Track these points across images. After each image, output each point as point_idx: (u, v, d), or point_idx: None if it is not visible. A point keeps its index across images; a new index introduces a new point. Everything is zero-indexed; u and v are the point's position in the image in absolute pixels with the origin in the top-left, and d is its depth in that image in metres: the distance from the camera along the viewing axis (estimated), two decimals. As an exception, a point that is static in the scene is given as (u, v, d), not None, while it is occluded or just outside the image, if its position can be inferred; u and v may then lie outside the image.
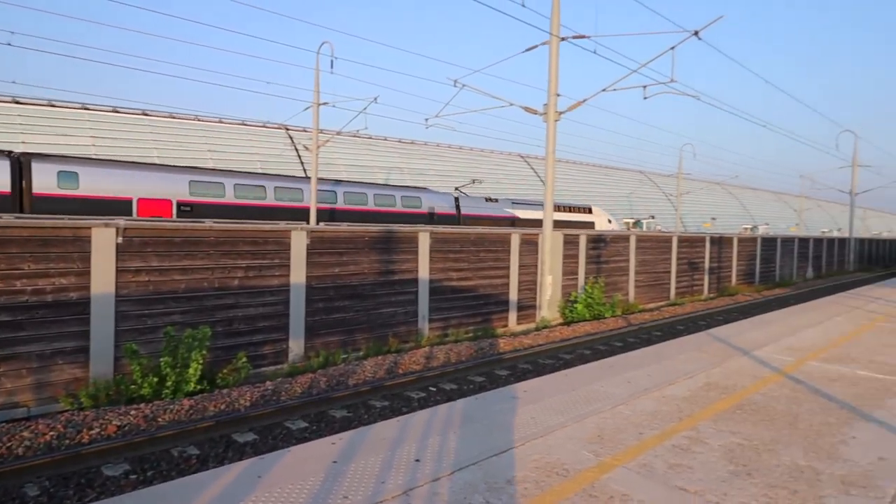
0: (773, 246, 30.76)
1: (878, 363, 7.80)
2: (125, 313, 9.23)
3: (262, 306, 10.89)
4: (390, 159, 36.98)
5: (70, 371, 8.65)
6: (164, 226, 9.85)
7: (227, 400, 8.30)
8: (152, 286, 9.58)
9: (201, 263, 10.14)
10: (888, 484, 4.04)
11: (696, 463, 4.33)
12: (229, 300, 10.47)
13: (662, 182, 57.79)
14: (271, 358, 10.95)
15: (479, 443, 4.63)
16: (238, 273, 10.59)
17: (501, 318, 15.49)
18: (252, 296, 10.75)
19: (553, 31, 16.06)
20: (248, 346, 10.56)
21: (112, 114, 28.10)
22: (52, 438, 6.79)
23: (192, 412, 7.84)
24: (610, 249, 19.23)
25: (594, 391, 6.16)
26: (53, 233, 8.61)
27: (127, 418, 7.43)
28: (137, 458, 6.47)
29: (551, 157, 16.48)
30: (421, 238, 13.54)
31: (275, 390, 8.90)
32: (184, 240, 9.94)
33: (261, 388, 8.94)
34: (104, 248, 9.04)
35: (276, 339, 11.03)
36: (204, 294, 10.14)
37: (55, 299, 8.57)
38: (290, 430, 7.49)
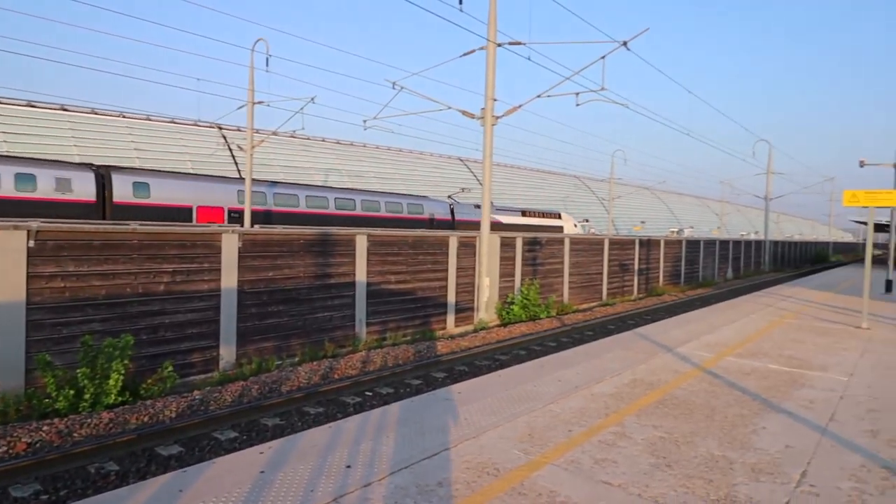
0: (696, 248, 32.44)
1: (786, 357, 8.38)
2: (38, 322, 8.64)
3: (191, 312, 10.47)
4: (328, 160, 36.42)
5: (-27, 385, 8.00)
6: (81, 228, 9.29)
7: (151, 412, 7.91)
8: (69, 293, 9.01)
9: (124, 268, 9.64)
10: (794, 470, 4.34)
11: (620, 457, 4.50)
12: (155, 306, 9.99)
13: (596, 186, 59.80)
14: (200, 366, 10.53)
15: (412, 446, 4.63)
16: (164, 278, 10.13)
17: (440, 320, 15.56)
18: (180, 301, 10.31)
19: (490, 36, 16.31)
20: (176, 355, 10.12)
21: (27, 108, 26.25)
22: (-49, 459, 6.25)
23: (112, 426, 7.42)
24: (545, 252, 19.70)
25: (527, 391, 6.29)
26: (-46, 236, 7.94)
27: (38, 434, 6.94)
28: (50, 477, 6.06)
29: (488, 161, 16.72)
30: (358, 241, 13.41)
31: (203, 400, 8.56)
32: (104, 243, 9.41)
33: (188, 397, 8.58)
34: (14, 253, 8.43)
35: (205, 346, 10.63)
36: (127, 300, 9.64)
37: (-44, 308, 7.91)
38: (219, 441, 7.22)
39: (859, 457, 4.63)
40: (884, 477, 4.24)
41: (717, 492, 3.93)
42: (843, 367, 7.79)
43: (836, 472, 4.32)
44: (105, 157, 25.73)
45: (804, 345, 9.37)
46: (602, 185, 59.70)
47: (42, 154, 23.26)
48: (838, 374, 7.40)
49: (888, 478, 4.23)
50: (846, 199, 11.84)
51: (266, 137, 23.77)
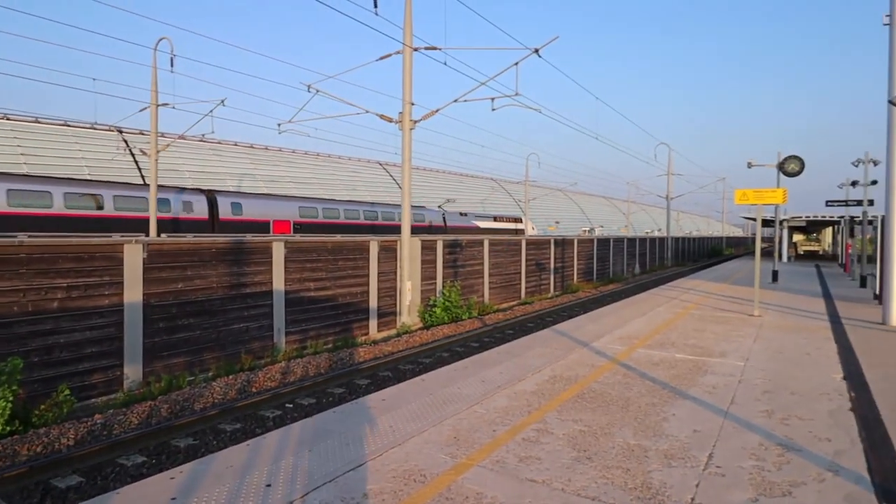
0: (607, 246, 34.08)
1: (691, 346, 8.95)
2: None
3: (90, 330, 9.68)
4: (242, 165, 35.00)
5: None
6: (-45, 242, 8.35)
7: (46, 440, 7.22)
8: (-58, 314, 8.07)
9: (9, 284, 8.76)
10: (701, 453, 4.63)
11: (543, 453, 4.61)
12: (47, 325, 9.15)
13: (512, 188, 61.41)
14: (102, 387, 9.76)
15: (336, 458, 4.51)
16: (58, 294, 9.30)
17: (362, 326, 15.34)
18: (76, 319, 9.50)
19: (406, 41, 16.32)
20: (73, 377, 9.31)
21: None
22: None
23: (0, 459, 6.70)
24: (466, 254, 19.95)
25: (451, 393, 6.32)
26: None
27: None
28: (-78, 524, 5.37)
29: (407, 165, 16.70)
30: (275, 248, 12.96)
31: (106, 424, 7.92)
32: (-16, 258, 8.50)
33: (88, 422, 7.91)
34: None
35: (107, 365, 9.86)
36: (14, 320, 8.76)
37: None
38: (125, 468, 6.70)
39: (758, 436, 5.01)
40: (780, 454, 4.61)
41: (634, 480, 4.11)
42: (740, 353, 8.44)
43: (738, 452, 4.65)
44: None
45: (705, 333, 10.05)
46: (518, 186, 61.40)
47: None
48: (736, 360, 7.99)
49: (783, 454, 4.61)
50: (737, 198, 12.85)
51: (172, 141, 22.48)
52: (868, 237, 21.74)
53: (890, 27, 10.96)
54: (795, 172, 19.46)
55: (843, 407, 5.86)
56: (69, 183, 20.25)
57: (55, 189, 19.60)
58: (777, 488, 3.99)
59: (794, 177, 19.54)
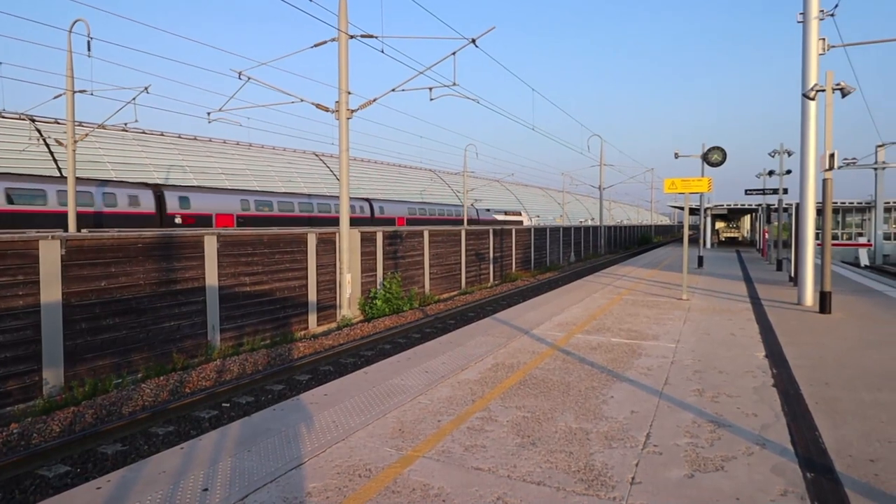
0: (543, 236, 34.86)
1: (626, 330, 9.28)
2: None
3: (3, 333, 8.96)
4: (170, 156, 33.32)
5: None
6: None
7: (-48, 455, 6.63)
8: None
9: None
10: (639, 433, 4.79)
11: (488, 441, 4.64)
12: (-50, 330, 8.40)
13: (451, 180, 61.62)
14: (18, 394, 9.08)
15: (277, 457, 4.37)
16: (-38, 295, 8.55)
17: (301, 320, 14.99)
18: (-15, 322, 8.77)
19: (341, 27, 15.95)
20: (-17, 385, 8.60)
21: None
22: None
23: None
24: (406, 245, 19.85)
25: (394, 385, 6.26)
26: None
27: None
28: None
29: (345, 155, 16.40)
30: (207, 242, 12.42)
31: (23, 433, 7.36)
32: None
33: (3, 433, 7.33)
34: None
35: (23, 371, 9.17)
36: None
37: None
38: (47, 479, 6.25)
39: (691, 414, 5.25)
40: (711, 430, 4.85)
41: (577, 463, 4.20)
42: (671, 335, 8.82)
43: (673, 430, 4.85)
44: None
45: (639, 318, 10.45)
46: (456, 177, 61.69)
47: None
48: (668, 342, 8.35)
49: (715, 430, 4.84)
50: (666, 187, 13.41)
51: (91, 130, 21.08)
52: (783, 224, 23.27)
53: (803, 24, 11.68)
54: (718, 162, 20.52)
55: (767, 384, 6.22)
56: None
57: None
58: (710, 463, 4.19)
59: (717, 167, 20.61)
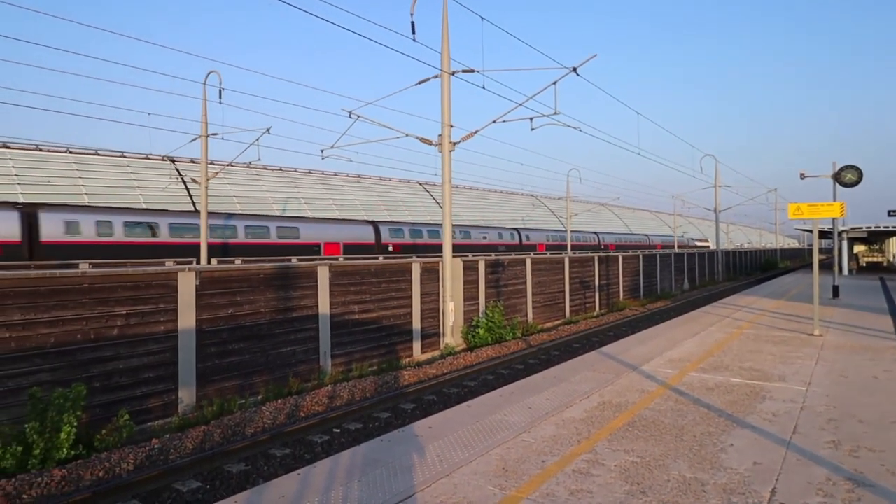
0: (653, 262, 33.28)
1: (746, 369, 8.60)
2: (-21, 376, 8.12)
3: (147, 356, 10.05)
4: (287, 189, 36.02)
5: None
6: (25, 275, 8.85)
7: (107, 465, 7.50)
8: (14, 343, 8.53)
9: (73, 314, 9.21)
10: (763, 488, 4.41)
11: (595, 486, 4.49)
12: (108, 352, 9.55)
13: (554, 205, 60.95)
14: (158, 411, 10.09)
15: (384, 489, 4.52)
16: (117, 321, 9.72)
17: (406, 347, 15.40)
18: (134, 345, 9.89)
19: (444, 67, 16.55)
20: (131, 401, 9.67)
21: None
22: None
23: (65, 483, 6.99)
24: (508, 273, 19.84)
25: (497, 421, 6.25)
26: None
27: (-19, 500, 6.48)
28: (-5, 547, 5.64)
29: (448, 186, 16.82)
30: (320, 272, 13.21)
31: (162, 448, 8.17)
32: (51, 289, 8.99)
33: (146, 447, 8.18)
34: (-50, 304, 7.95)
35: (162, 390, 10.20)
36: (77, 347, 9.19)
37: None
38: (181, 493, 6.89)
39: (824, 469, 4.75)
40: (849, 489, 4.36)
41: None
42: (801, 377, 8.05)
43: (803, 486, 4.41)
44: (48, 193, 24.79)
45: (762, 355, 9.64)
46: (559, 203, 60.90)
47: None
48: (797, 384, 7.62)
49: (853, 490, 4.35)
50: (791, 213, 12.38)
51: (221, 169, 23.36)
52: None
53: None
54: (853, 183, 18.61)
55: (918, 437, 5.50)
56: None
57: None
58: (848, 528, 3.76)
59: (851, 187, 18.70)
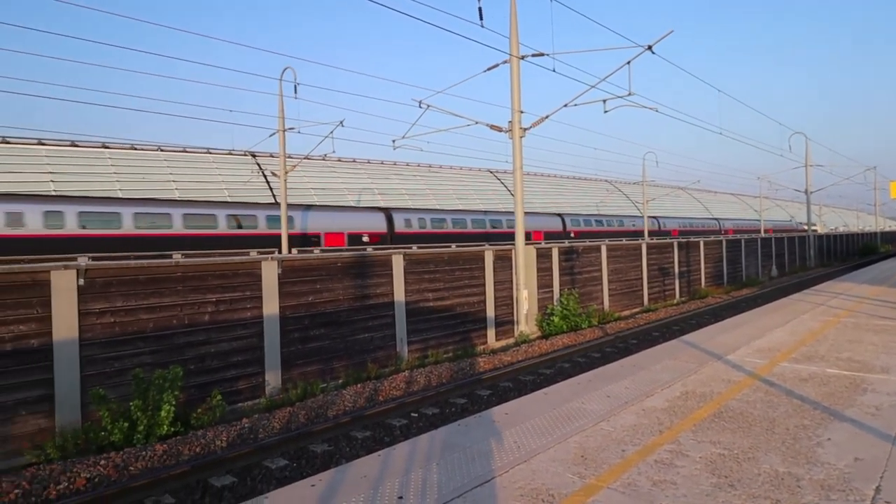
0: (738, 247, 31.53)
1: (845, 360, 8.00)
2: (91, 357, 8.93)
3: (235, 340, 10.66)
4: (360, 181, 36.91)
5: (34, 422, 8.30)
6: (127, 264, 9.60)
7: (203, 442, 8.06)
8: (118, 327, 9.30)
9: (169, 301, 9.90)
10: (866, 486, 4.11)
11: (679, 478, 4.34)
12: (200, 336, 10.22)
13: (629, 190, 58.94)
14: (247, 393, 10.70)
15: (463, 473, 4.57)
16: (208, 308, 10.37)
17: (480, 335, 15.47)
18: (224, 330, 10.52)
19: (512, 51, 16.33)
20: (223, 383, 10.31)
21: (70, 148, 27.46)
22: (17, 497, 6.47)
23: (166, 457, 7.58)
24: (582, 260, 19.44)
25: (575, 408, 6.16)
26: (9, 279, 8.30)
27: (97, 469, 7.14)
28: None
29: (519, 173, 16.65)
30: (394, 260, 13.48)
31: (252, 428, 8.67)
32: (149, 278, 9.70)
33: (237, 426, 8.71)
34: (65, 292, 8.76)
35: (251, 373, 10.80)
36: (173, 332, 9.89)
37: (14, 347, 8.25)
38: (270, 470, 7.29)
39: (938, 469, 4.35)
40: (968, 491, 3.97)
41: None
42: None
43: (914, 486, 4.07)
44: (142, 189, 26.64)
45: (862, 345, 8.94)
46: (634, 187, 58.80)
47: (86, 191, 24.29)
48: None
49: (973, 492, 3.96)
50: (893, 191, 11.34)
51: (298, 163, 24.26)
52: None
53: None
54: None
55: None
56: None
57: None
58: (970, 533, 3.44)
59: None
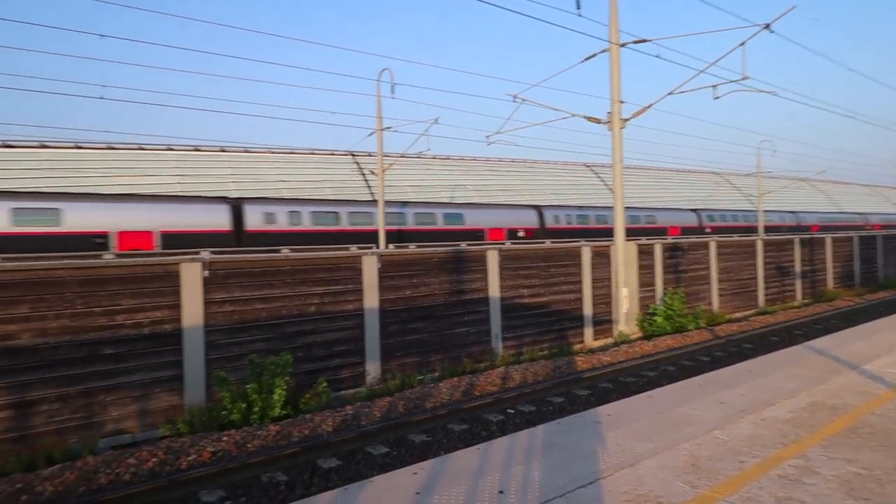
0: (872, 244, 28.34)
1: None
2: (213, 342, 9.69)
3: (339, 331, 11.14)
4: (454, 177, 37.27)
5: (167, 399, 9.16)
6: (244, 258, 10.32)
7: (311, 425, 8.50)
8: (237, 316, 10.02)
9: (280, 292, 10.52)
10: None
11: (808, 496, 3.96)
12: (307, 326, 10.78)
13: (741, 182, 54.90)
14: (349, 381, 11.15)
15: (565, 472, 4.46)
16: (314, 300, 10.90)
17: (577, 334, 15.09)
18: (328, 321, 11.03)
19: (612, 38, 15.71)
20: (327, 371, 10.81)
21: (195, 152, 30.04)
22: (155, 465, 7.18)
23: (279, 438, 8.07)
24: (688, 258, 18.37)
25: (684, 414, 5.83)
26: (146, 270, 9.19)
27: (220, 444, 7.75)
28: (231, 485, 6.72)
29: (618, 166, 16.01)
30: (489, 256, 13.46)
31: (355, 415, 9.03)
32: (263, 270, 10.36)
33: (342, 412, 9.10)
34: (193, 283, 9.57)
35: (353, 362, 11.24)
36: (284, 321, 10.50)
37: (152, 332, 9.14)
38: (372, 456, 7.55)
39: None
40: None
41: (942, 545, 3.30)
42: None
43: None
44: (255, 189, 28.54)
45: None
46: (747, 179, 54.68)
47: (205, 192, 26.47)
48: None
49: None
50: None
51: (395, 161, 24.91)
52: None
53: None
54: None
55: None
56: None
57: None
58: None
59: None
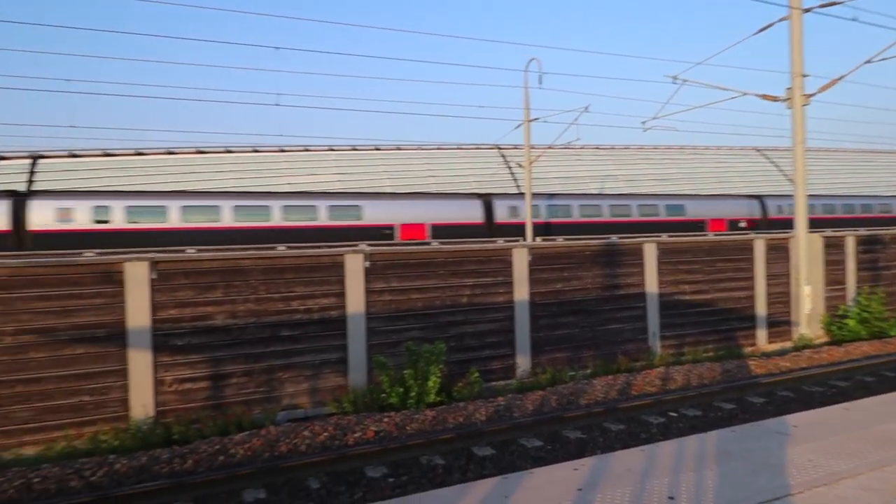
0: None
1: None
2: (374, 329, 10.36)
3: (489, 322, 11.28)
4: (604, 167, 35.89)
5: (334, 379, 9.98)
6: (402, 250, 10.87)
7: (465, 413, 8.72)
8: (394, 305, 10.60)
9: (433, 283, 10.92)
10: None
11: None
12: (459, 317, 11.06)
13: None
14: (499, 373, 11.25)
15: (743, 485, 4.06)
16: (465, 291, 11.15)
17: (747, 335, 13.72)
18: (479, 312, 11.21)
19: (793, 3, 13.96)
20: (478, 361, 11.01)
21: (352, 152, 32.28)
22: (326, 439, 7.86)
23: (435, 423, 8.39)
24: (890, 252, 15.78)
25: (890, 431, 5.01)
26: (316, 261, 10.08)
27: (381, 425, 8.27)
28: (392, 463, 7.13)
29: (800, 148, 14.22)
30: (646, 250, 12.74)
31: (507, 406, 9.09)
32: (418, 262, 10.83)
33: (494, 402, 9.21)
34: (355, 273, 10.30)
35: (503, 354, 11.32)
36: (437, 311, 10.89)
37: (321, 317, 10.01)
38: (526, 448, 7.54)
39: None
40: None
41: None
42: None
43: None
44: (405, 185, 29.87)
45: None
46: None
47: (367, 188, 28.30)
48: None
49: None
50: None
51: (542, 153, 24.59)
52: None
53: None
54: None
55: None
56: None
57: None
58: None
59: None
